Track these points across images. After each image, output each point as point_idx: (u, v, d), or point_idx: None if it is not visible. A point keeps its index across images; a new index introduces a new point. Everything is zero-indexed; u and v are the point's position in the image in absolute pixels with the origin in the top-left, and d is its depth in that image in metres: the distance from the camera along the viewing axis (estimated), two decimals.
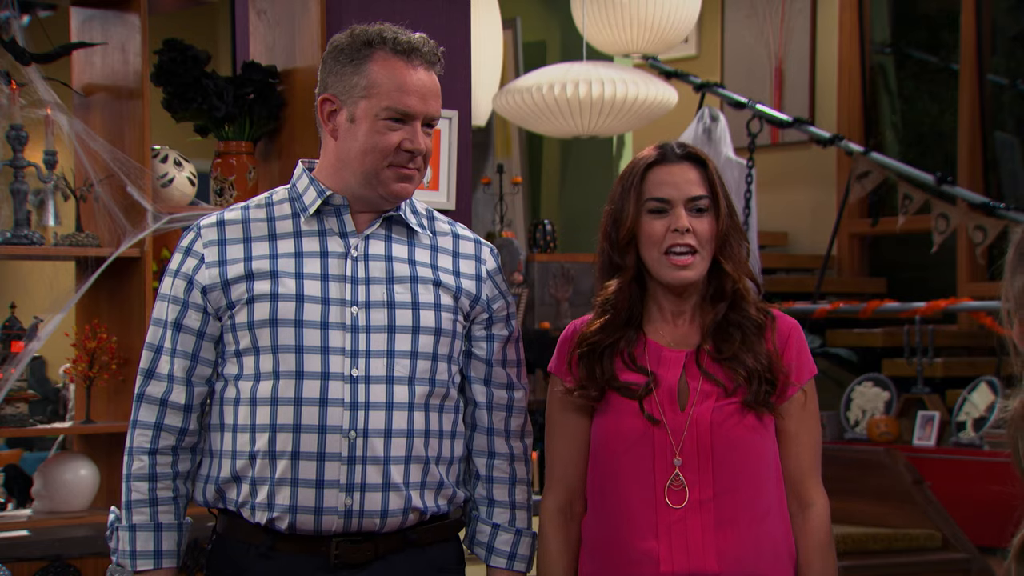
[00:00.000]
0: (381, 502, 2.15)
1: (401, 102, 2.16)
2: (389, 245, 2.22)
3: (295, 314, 2.14)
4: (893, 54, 7.02)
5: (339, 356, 2.14)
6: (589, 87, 5.29)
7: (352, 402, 2.14)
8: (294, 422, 2.13)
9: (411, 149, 2.17)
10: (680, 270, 2.20)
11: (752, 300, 2.24)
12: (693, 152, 2.27)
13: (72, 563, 3.09)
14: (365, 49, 2.19)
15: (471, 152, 3.85)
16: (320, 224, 2.21)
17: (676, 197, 2.22)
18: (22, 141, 3.32)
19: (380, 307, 2.17)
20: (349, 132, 2.18)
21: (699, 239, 2.21)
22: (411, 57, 2.19)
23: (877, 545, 4.79)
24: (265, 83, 3.61)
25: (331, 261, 2.18)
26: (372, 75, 2.17)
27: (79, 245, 3.37)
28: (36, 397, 3.42)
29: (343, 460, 2.13)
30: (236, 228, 2.20)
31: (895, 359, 5.79)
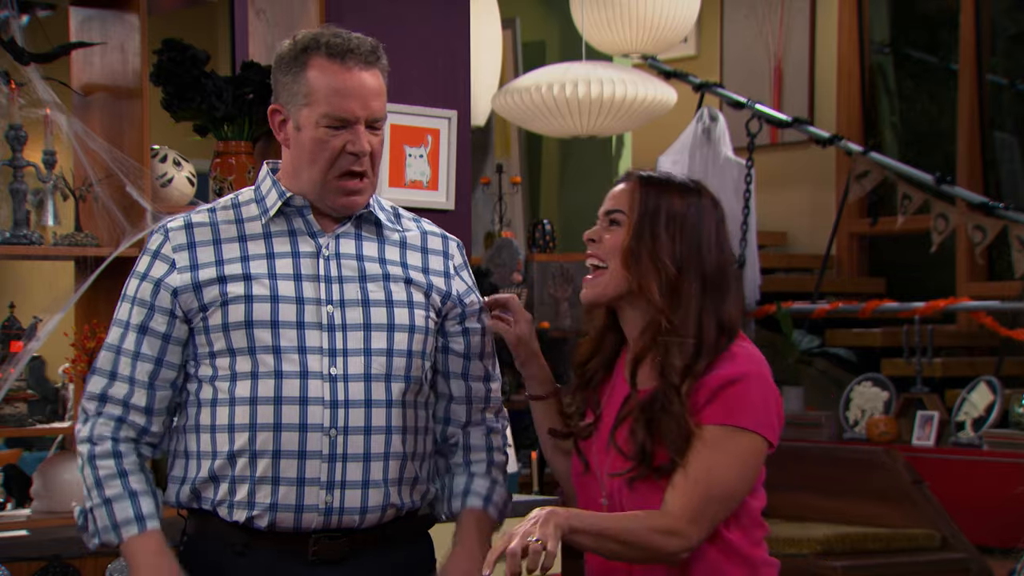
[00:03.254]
0: (361, 499, 2.16)
1: (339, 107, 2.14)
2: (360, 244, 2.23)
3: (271, 315, 2.14)
4: (892, 54, 7.02)
5: (317, 355, 2.14)
6: (588, 87, 5.29)
7: (332, 400, 2.14)
8: (275, 421, 2.13)
9: (355, 152, 2.15)
10: (586, 284, 2.20)
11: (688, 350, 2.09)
12: (633, 171, 2.28)
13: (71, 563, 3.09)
14: (302, 56, 2.17)
15: (470, 152, 3.85)
16: (289, 224, 2.21)
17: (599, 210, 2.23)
18: (21, 141, 3.32)
19: (355, 305, 2.18)
20: (297, 141, 2.18)
21: (605, 249, 2.18)
22: (346, 59, 2.16)
23: (876, 545, 4.79)
24: (264, 83, 3.60)
25: (303, 261, 2.18)
26: (310, 82, 2.16)
27: (78, 245, 3.37)
28: (35, 397, 3.42)
29: (324, 458, 2.14)
30: (205, 230, 2.19)
31: (894, 359, 5.79)
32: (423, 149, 3.73)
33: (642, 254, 2.13)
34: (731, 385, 2.08)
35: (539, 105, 5.36)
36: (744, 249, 5.99)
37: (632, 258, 2.14)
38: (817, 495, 5.16)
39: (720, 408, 2.07)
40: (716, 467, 2.05)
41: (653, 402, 2.10)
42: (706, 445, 2.06)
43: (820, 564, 4.64)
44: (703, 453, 2.05)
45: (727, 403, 2.07)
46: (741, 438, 2.07)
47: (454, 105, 3.75)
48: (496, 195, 6.09)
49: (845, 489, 5.09)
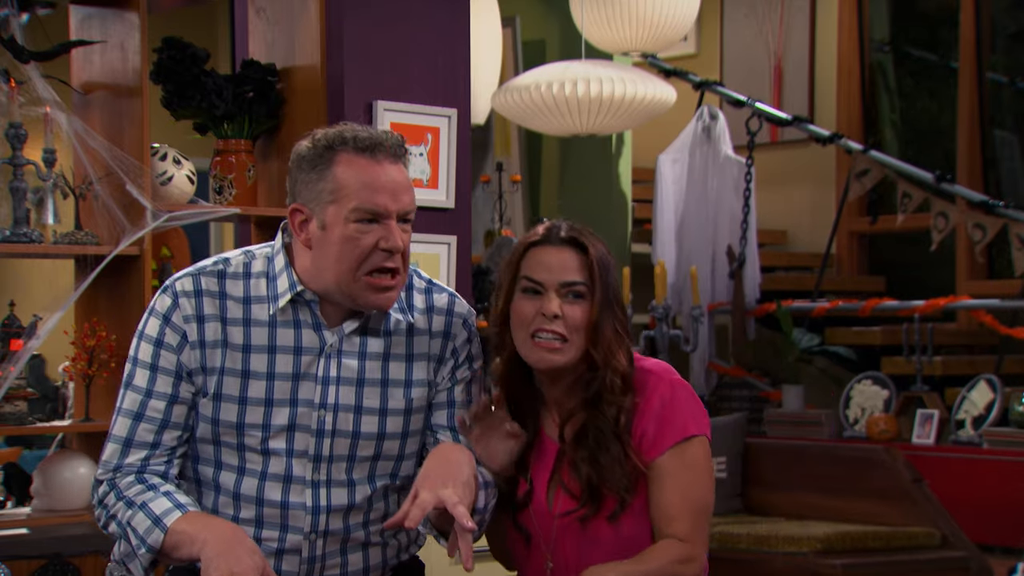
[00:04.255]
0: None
1: (371, 201, 2.07)
2: (364, 340, 2.16)
3: (263, 418, 2.11)
4: (892, 52, 7.02)
5: (303, 459, 2.13)
6: (588, 85, 5.29)
7: (314, 506, 2.14)
8: (255, 516, 2.14)
9: (388, 248, 2.08)
10: (546, 353, 2.14)
11: (617, 390, 2.14)
12: (576, 237, 2.19)
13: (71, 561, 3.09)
14: (327, 153, 2.09)
15: (470, 150, 3.85)
16: (295, 314, 2.14)
17: (547, 280, 2.15)
18: (21, 139, 3.32)
19: (348, 411, 2.14)
20: (322, 240, 2.09)
21: (569, 326, 2.13)
22: (375, 153, 2.09)
23: (876, 543, 4.79)
24: (264, 81, 3.61)
25: (304, 359, 2.12)
26: (337, 178, 2.08)
27: (78, 243, 3.37)
28: (35, 395, 3.42)
29: (303, 560, 2.16)
30: (213, 303, 2.12)
31: (894, 357, 5.79)
32: (423, 147, 3.72)
33: (606, 329, 2.15)
34: (667, 404, 2.15)
35: (539, 103, 5.36)
36: (744, 248, 5.99)
37: (598, 334, 2.15)
38: (817, 493, 5.16)
39: (669, 428, 2.14)
40: (694, 483, 2.14)
41: (589, 438, 2.14)
42: (678, 466, 2.13)
43: (820, 562, 4.64)
44: (680, 475, 2.12)
45: (672, 421, 2.14)
46: (696, 446, 2.15)
47: (454, 103, 3.74)
48: (496, 193, 6.09)
49: (845, 487, 5.09)
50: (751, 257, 6.03)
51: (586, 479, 2.13)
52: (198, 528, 2.02)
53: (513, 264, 2.18)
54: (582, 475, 2.13)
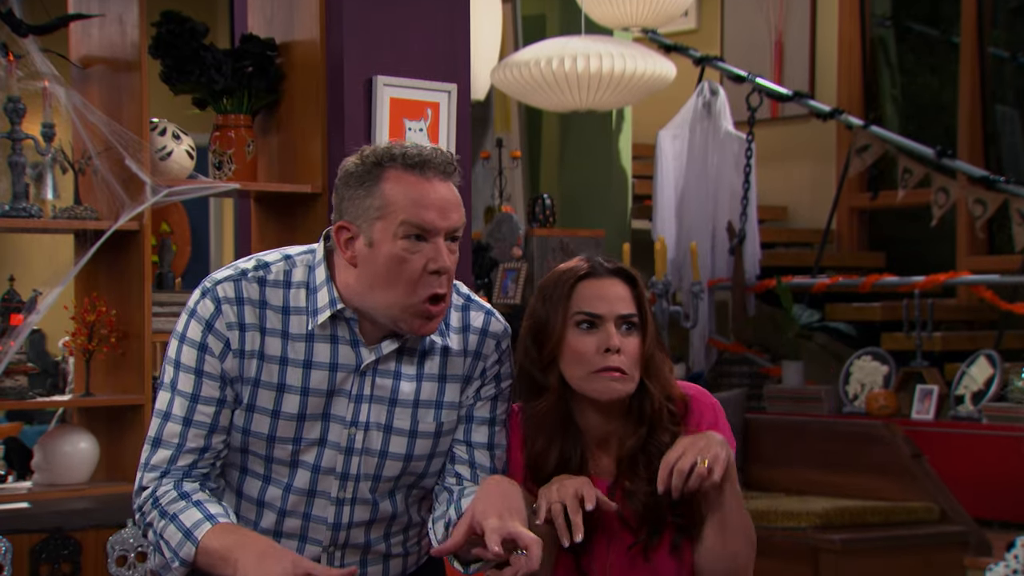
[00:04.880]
0: None
1: (419, 216, 2.03)
2: (400, 360, 2.14)
3: (295, 432, 2.10)
4: (893, 27, 7.00)
5: (330, 476, 2.12)
6: (588, 61, 5.27)
7: (335, 523, 2.13)
8: (275, 528, 2.13)
9: (436, 269, 2.04)
10: (612, 383, 2.11)
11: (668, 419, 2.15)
12: (623, 268, 2.18)
13: (72, 535, 3.10)
14: (376, 169, 2.05)
15: (470, 126, 3.84)
16: (333, 329, 2.11)
17: (607, 313, 2.13)
18: (20, 113, 3.31)
19: (377, 430, 2.12)
20: (368, 258, 2.05)
21: (628, 359, 2.12)
22: (424, 170, 2.06)
23: (875, 518, 4.80)
24: (263, 56, 3.60)
25: (339, 375, 2.10)
26: (386, 194, 2.04)
27: (77, 218, 3.36)
28: (36, 370, 3.42)
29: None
30: (253, 312, 2.08)
31: (894, 333, 5.79)
32: (423, 123, 3.72)
33: (658, 359, 2.16)
34: (712, 428, 2.16)
35: (539, 79, 5.35)
36: (744, 224, 5.99)
37: (652, 365, 2.15)
38: (817, 469, 5.17)
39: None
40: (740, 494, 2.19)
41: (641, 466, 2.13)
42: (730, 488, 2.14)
43: (819, 537, 4.66)
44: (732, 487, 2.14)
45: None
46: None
47: (454, 79, 3.73)
48: (496, 169, 6.08)
49: (845, 463, 5.10)
50: (751, 233, 6.03)
51: (643, 508, 2.11)
52: (229, 546, 2.00)
53: (562, 299, 2.14)
54: (640, 505, 2.11)
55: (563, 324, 2.13)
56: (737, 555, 2.16)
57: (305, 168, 3.59)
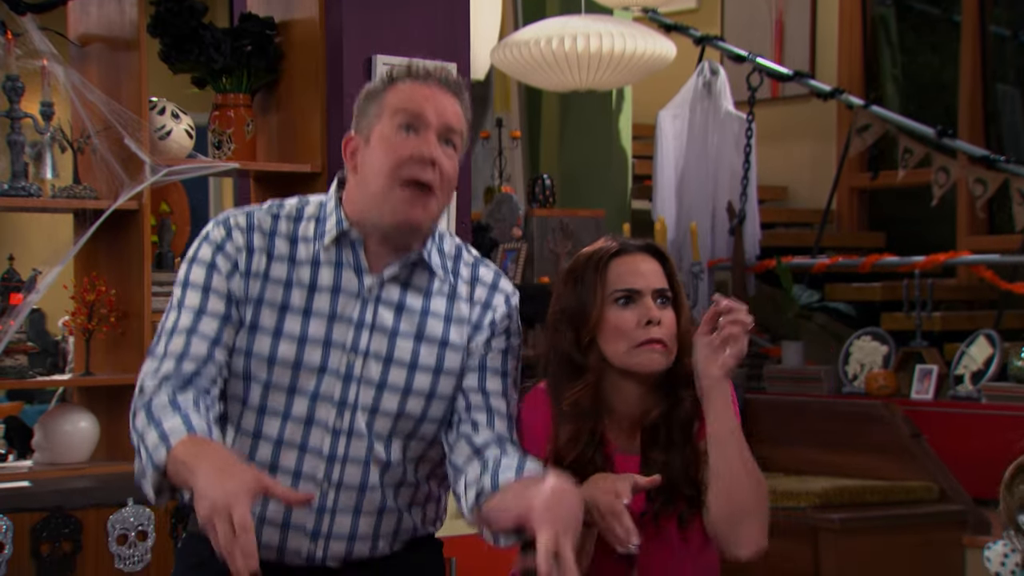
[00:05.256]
0: (345, 551, 2.15)
1: (412, 104, 2.08)
2: (404, 292, 2.15)
3: (295, 355, 2.10)
4: (894, 6, 6.98)
5: (327, 404, 2.11)
6: (588, 40, 5.26)
7: (330, 455, 2.12)
8: (271, 461, 2.12)
9: (423, 155, 2.06)
10: (655, 355, 2.13)
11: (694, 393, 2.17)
12: (652, 244, 2.21)
13: (72, 514, 3.11)
14: (385, 83, 2.13)
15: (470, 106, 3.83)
16: (339, 255, 2.13)
17: (644, 287, 2.15)
18: (18, 92, 3.30)
19: (377, 360, 2.12)
20: (366, 157, 2.10)
21: (667, 332, 2.15)
22: (427, 80, 2.11)
23: (874, 497, 4.81)
24: (263, 35, 3.59)
25: (342, 299, 2.12)
26: (388, 99, 2.10)
27: (77, 197, 3.36)
28: (36, 349, 3.42)
29: (312, 509, 2.12)
30: (262, 239, 2.12)
31: (894, 313, 5.80)
32: None
33: (690, 334, 2.18)
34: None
35: (539, 59, 5.34)
36: (744, 204, 5.98)
37: (686, 340, 2.17)
38: (816, 449, 5.18)
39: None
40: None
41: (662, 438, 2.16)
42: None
43: (818, 517, 4.67)
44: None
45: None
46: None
47: (453, 58, 3.72)
48: (496, 150, 6.07)
49: (844, 442, 5.11)
50: (751, 213, 6.02)
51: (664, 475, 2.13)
52: (195, 455, 1.95)
53: (597, 279, 2.16)
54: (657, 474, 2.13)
55: (601, 303, 2.15)
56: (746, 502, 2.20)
57: (304, 147, 3.59)
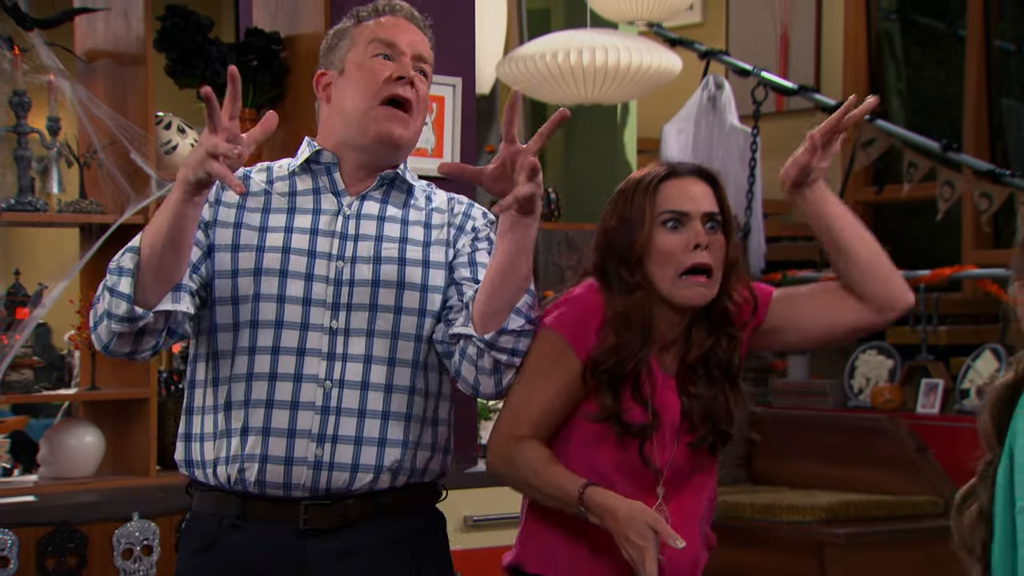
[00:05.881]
0: (352, 455, 2.12)
1: (385, 34, 2.19)
2: (384, 206, 2.22)
3: (280, 264, 2.14)
4: (899, 20, 6.98)
5: (320, 308, 2.14)
6: (593, 54, 5.26)
7: (329, 352, 2.13)
8: (270, 370, 2.12)
9: (402, 74, 2.16)
10: (699, 288, 2.15)
11: (731, 324, 2.21)
12: (703, 168, 2.23)
13: (78, 529, 3.11)
14: (350, 20, 2.26)
15: (475, 120, 3.83)
16: (315, 182, 2.22)
17: (693, 210, 2.17)
18: (25, 107, 3.31)
19: (366, 262, 2.16)
20: (340, 84, 2.20)
21: (714, 256, 2.16)
22: (394, 12, 2.24)
23: (880, 512, 4.80)
24: (268, 50, 3.60)
25: (322, 217, 2.18)
26: (359, 34, 2.22)
27: (83, 212, 3.37)
28: (41, 364, 3.43)
29: (316, 410, 2.11)
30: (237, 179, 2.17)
31: (899, 327, 5.78)
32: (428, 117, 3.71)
33: (739, 259, 2.21)
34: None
35: (544, 73, 5.34)
36: (749, 218, 5.98)
37: (736, 265, 2.21)
38: (821, 463, 5.17)
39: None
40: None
41: (709, 366, 2.19)
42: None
43: (824, 531, 4.66)
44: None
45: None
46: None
47: (459, 73, 3.73)
48: None
49: (849, 457, 5.10)
50: (756, 227, 6.02)
51: (704, 409, 2.17)
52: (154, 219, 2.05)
53: (647, 200, 2.17)
54: (701, 406, 2.17)
55: (650, 224, 2.16)
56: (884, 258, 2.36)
57: None
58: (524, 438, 2.14)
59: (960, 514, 1.76)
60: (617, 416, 2.13)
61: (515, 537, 2.28)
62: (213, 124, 1.96)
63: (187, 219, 2.01)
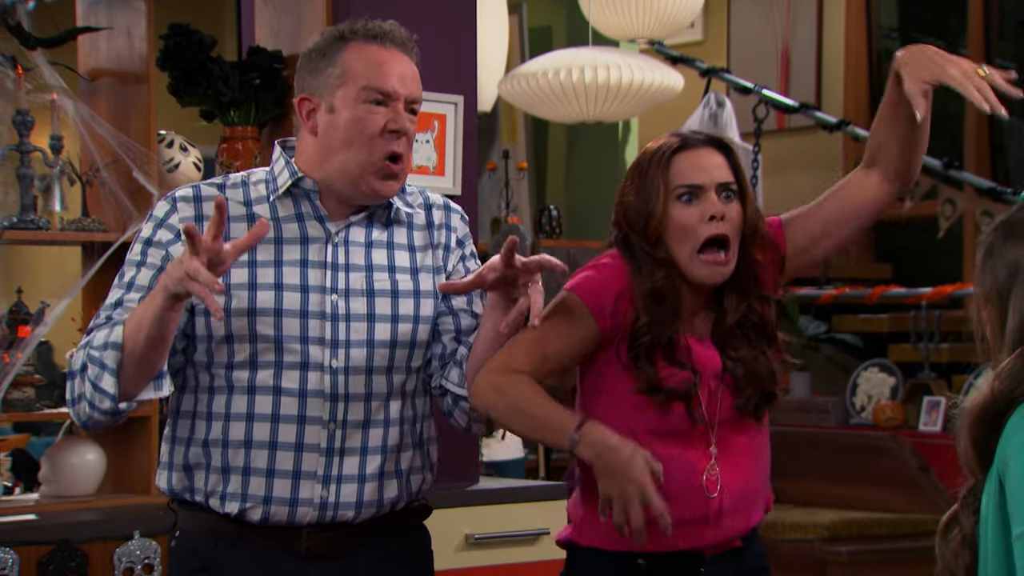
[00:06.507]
0: (357, 493, 2.13)
1: (380, 81, 2.11)
2: (369, 230, 2.18)
3: (274, 303, 2.10)
4: (900, 38, 7.00)
5: (318, 346, 2.11)
6: (595, 72, 5.28)
7: (332, 393, 2.11)
8: (272, 412, 2.10)
9: (396, 129, 2.10)
10: (717, 267, 2.15)
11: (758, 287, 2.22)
12: (715, 137, 2.22)
13: (79, 547, 3.10)
14: (337, 43, 2.14)
15: (476, 138, 3.84)
16: (296, 207, 2.15)
17: (707, 182, 2.16)
18: (28, 126, 3.31)
19: (359, 295, 2.14)
20: (330, 124, 2.11)
21: (731, 226, 2.16)
22: (384, 41, 2.15)
23: (883, 530, 4.80)
24: (271, 68, 3.61)
25: (311, 247, 2.13)
26: (347, 63, 2.12)
27: (85, 230, 3.37)
28: (43, 382, 3.42)
29: (321, 452, 2.11)
30: (212, 205, 2.07)
31: (901, 344, 5.79)
32: (429, 134, 3.72)
33: (760, 225, 2.20)
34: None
35: (545, 90, 5.35)
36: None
37: (756, 231, 2.20)
38: (823, 481, 5.17)
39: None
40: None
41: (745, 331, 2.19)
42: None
43: (826, 549, 4.65)
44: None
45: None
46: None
47: (460, 90, 3.73)
48: (502, 181, 6.08)
49: (851, 475, 5.09)
50: None
51: (747, 371, 2.18)
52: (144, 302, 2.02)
53: (659, 175, 2.16)
54: (743, 368, 2.18)
55: (665, 199, 2.16)
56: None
57: None
58: (521, 372, 2.13)
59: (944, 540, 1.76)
60: (658, 384, 2.14)
61: (567, 510, 2.30)
62: (195, 248, 1.90)
63: (170, 321, 1.99)
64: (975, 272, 1.83)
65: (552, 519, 3.33)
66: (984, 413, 1.71)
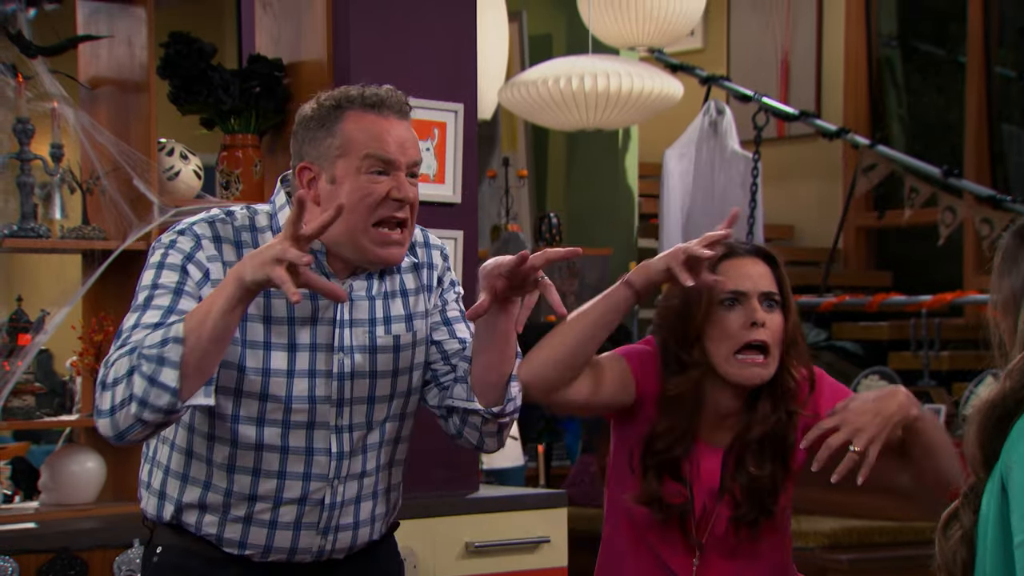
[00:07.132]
0: (351, 539, 2.20)
1: (381, 150, 2.09)
2: (371, 281, 2.19)
3: (287, 364, 2.11)
4: (900, 47, 7.01)
5: (325, 405, 2.13)
6: (595, 80, 5.28)
7: (338, 452, 2.15)
8: (279, 468, 2.13)
9: (399, 198, 2.09)
10: (755, 368, 2.17)
11: (790, 403, 2.23)
12: (762, 248, 2.28)
13: (79, 555, 3.10)
14: (335, 112, 2.12)
15: (477, 145, 3.84)
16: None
17: (751, 290, 2.20)
18: (28, 134, 3.32)
19: (362, 351, 2.16)
20: (332, 195, 2.09)
21: (772, 335, 2.18)
22: (382, 109, 2.12)
23: (883, 538, 4.79)
24: (271, 76, 3.61)
25: (321, 303, 2.13)
26: (346, 133, 2.10)
27: (85, 238, 3.37)
28: (43, 390, 3.42)
29: (324, 507, 2.16)
30: (231, 251, 2.12)
31: (901, 352, 5.79)
32: (429, 142, 3.72)
33: (800, 338, 2.23)
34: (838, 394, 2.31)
35: (545, 98, 5.36)
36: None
37: (796, 344, 2.23)
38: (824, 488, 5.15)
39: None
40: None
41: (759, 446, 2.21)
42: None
43: (827, 557, 4.65)
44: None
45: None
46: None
47: (460, 98, 3.74)
48: (502, 188, 6.09)
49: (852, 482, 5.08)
50: None
51: (751, 486, 2.20)
52: (207, 298, 1.97)
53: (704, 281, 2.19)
54: (747, 481, 2.20)
55: (708, 304, 2.19)
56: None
57: None
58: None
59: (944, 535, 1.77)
60: (659, 500, 2.19)
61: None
62: (295, 231, 1.89)
63: (236, 316, 1.95)
64: (992, 278, 1.83)
65: (552, 527, 3.33)
66: (993, 411, 1.71)
